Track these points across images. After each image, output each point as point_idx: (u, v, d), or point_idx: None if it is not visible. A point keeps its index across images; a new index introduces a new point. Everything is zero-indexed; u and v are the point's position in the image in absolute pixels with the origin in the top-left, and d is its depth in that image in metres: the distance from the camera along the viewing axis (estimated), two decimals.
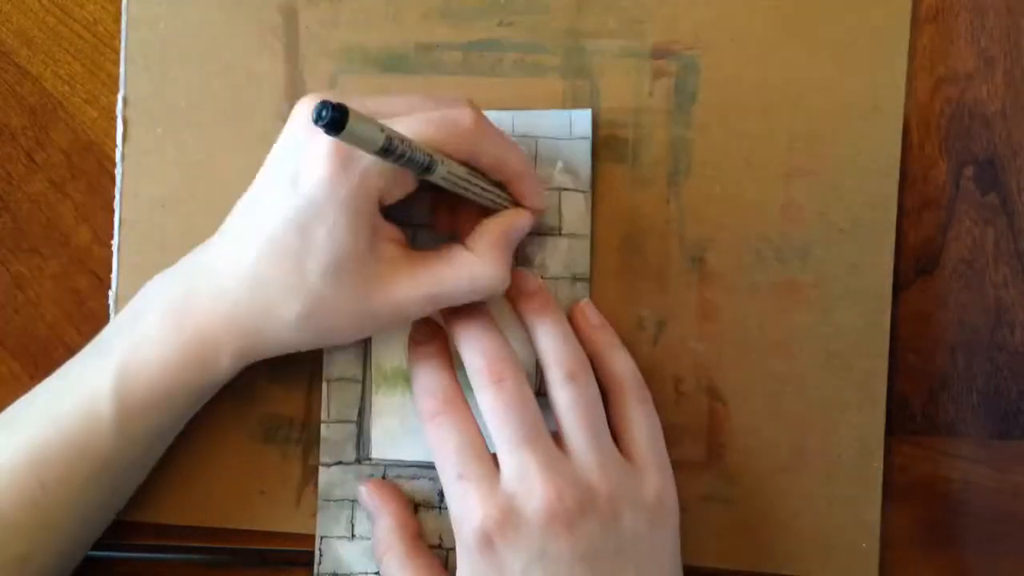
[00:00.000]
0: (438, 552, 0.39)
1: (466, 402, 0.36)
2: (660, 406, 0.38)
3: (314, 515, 0.40)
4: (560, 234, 0.39)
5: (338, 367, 0.39)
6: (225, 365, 0.35)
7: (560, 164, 0.39)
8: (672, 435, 0.39)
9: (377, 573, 0.38)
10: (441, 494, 0.39)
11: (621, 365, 0.37)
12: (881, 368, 0.39)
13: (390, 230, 0.35)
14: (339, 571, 0.39)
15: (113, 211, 0.40)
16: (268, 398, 0.40)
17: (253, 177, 0.37)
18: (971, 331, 0.40)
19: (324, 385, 0.40)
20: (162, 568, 0.41)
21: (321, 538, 0.39)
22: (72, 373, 0.36)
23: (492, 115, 0.37)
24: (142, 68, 0.40)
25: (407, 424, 0.39)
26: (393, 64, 0.40)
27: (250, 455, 0.40)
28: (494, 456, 0.35)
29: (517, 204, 0.37)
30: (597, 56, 0.39)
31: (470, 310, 0.37)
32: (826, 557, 0.39)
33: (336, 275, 0.33)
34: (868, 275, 0.39)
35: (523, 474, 0.34)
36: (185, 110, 0.40)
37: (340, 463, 0.39)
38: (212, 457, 0.40)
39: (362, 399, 0.40)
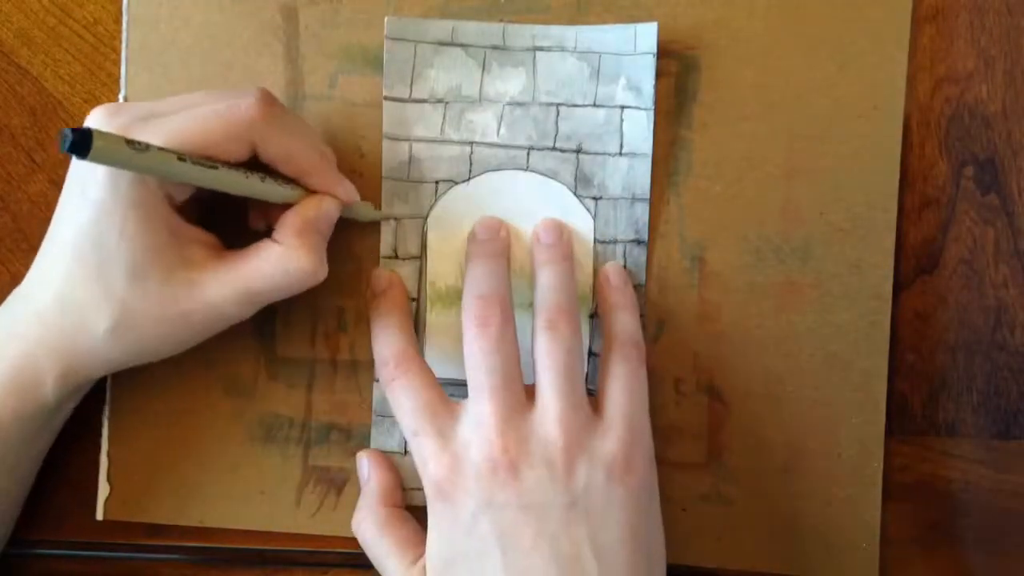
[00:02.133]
0: None
1: (420, 361, 0.37)
2: (660, 406, 0.38)
3: (314, 515, 0.40)
4: (621, 154, 0.39)
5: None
6: (50, 390, 0.35)
7: (623, 81, 0.39)
8: (672, 435, 0.39)
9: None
10: None
11: (620, 324, 0.37)
12: (881, 368, 0.39)
13: (193, 231, 0.35)
14: None
15: None
16: (268, 398, 0.40)
17: None
18: (971, 331, 0.40)
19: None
20: (162, 568, 0.41)
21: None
22: None
23: (554, 30, 0.38)
24: (142, 68, 0.40)
25: (461, 343, 0.38)
26: None
27: (250, 455, 0.40)
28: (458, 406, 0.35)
29: None
30: None
31: (489, 249, 0.37)
32: (826, 557, 0.39)
33: (137, 278, 0.34)
34: (868, 275, 0.39)
35: (479, 423, 0.34)
36: None
37: None
38: (212, 457, 0.40)
39: (416, 317, 0.39)
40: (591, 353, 0.39)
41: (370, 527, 0.37)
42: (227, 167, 0.34)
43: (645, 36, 0.39)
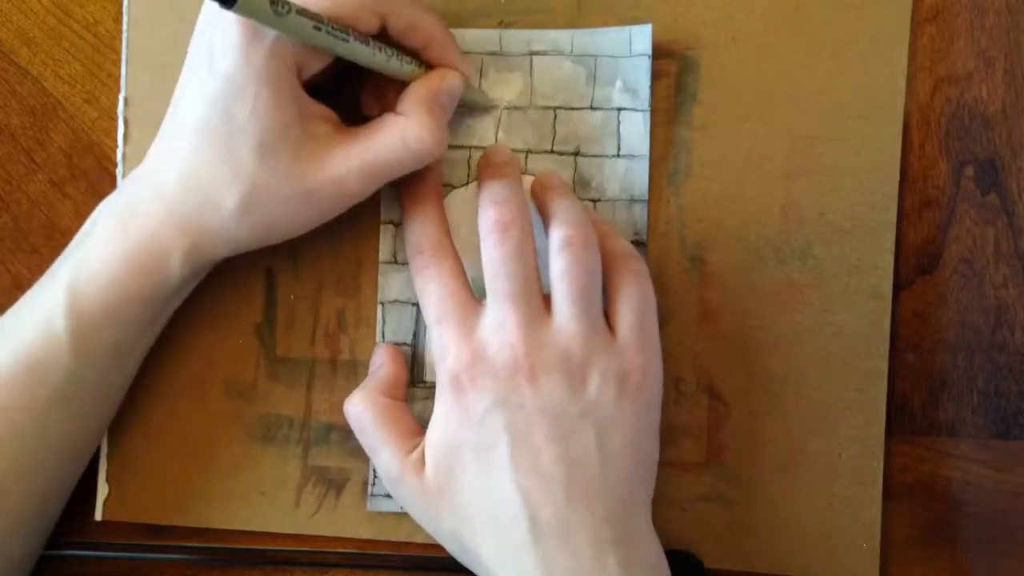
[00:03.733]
0: None
1: (454, 253, 0.37)
2: (660, 406, 0.38)
3: (313, 515, 0.40)
4: (618, 155, 0.39)
5: (393, 290, 0.39)
6: (175, 268, 0.35)
7: (619, 83, 0.39)
8: (672, 435, 0.39)
9: None
10: None
11: (622, 244, 0.37)
12: (881, 368, 0.39)
13: (319, 108, 0.35)
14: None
15: None
16: (268, 398, 0.40)
17: None
18: (971, 331, 0.40)
19: (379, 308, 0.40)
20: (162, 568, 0.41)
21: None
22: (27, 300, 0.36)
23: (551, 34, 0.39)
24: (142, 68, 0.40)
25: None
26: None
27: (250, 455, 0.40)
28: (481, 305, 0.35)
29: None
30: None
31: (502, 161, 0.37)
32: (826, 557, 0.39)
33: (267, 155, 0.33)
34: (868, 275, 0.39)
35: (500, 325, 0.34)
36: None
37: None
38: (212, 457, 0.40)
39: (416, 322, 0.39)
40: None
41: (367, 411, 0.37)
42: (358, 38, 0.34)
43: (640, 38, 0.39)
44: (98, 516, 0.40)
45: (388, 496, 0.39)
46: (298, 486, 0.40)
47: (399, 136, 0.35)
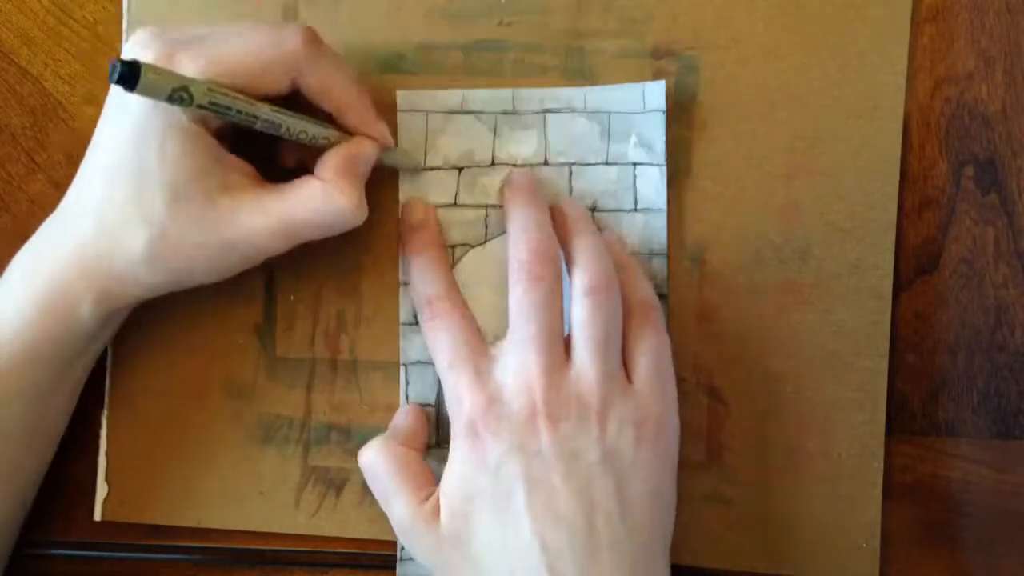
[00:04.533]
0: None
1: (462, 300, 0.37)
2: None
3: (313, 515, 0.40)
4: (636, 210, 0.39)
5: (415, 351, 0.39)
6: (86, 313, 0.35)
7: (634, 139, 0.39)
8: None
9: None
10: None
11: (642, 288, 0.37)
12: (881, 368, 0.39)
13: (234, 161, 0.35)
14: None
15: None
16: (268, 398, 0.40)
17: None
18: (971, 331, 0.40)
19: (402, 370, 0.40)
20: (162, 568, 0.41)
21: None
22: None
23: (563, 92, 0.39)
24: None
25: None
26: (393, 64, 0.40)
27: (250, 455, 0.40)
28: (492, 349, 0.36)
29: None
30: (597, 56, 0.39)
31: (528, 196, 0.37)
32: (826, 557, 0.39)
33: (177, 201, 0.33)
34: (868, 275, 0.39)
35: (520, 370, 0.34)
36: None
37: None
38: (212, 457, 0.40)
39: (439, 383, 0.39)
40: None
41: (384, 461, 0.37)
42: (272, 106, 0.34)
43: (653, 94, 0.39)
44: (97, 516, 0.40)
45: (415, 560, 0.39)
46: (298, 486, 0.40)
47: (317, 202, 0.35)
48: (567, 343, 0.35)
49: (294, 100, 0.35)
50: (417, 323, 0.39)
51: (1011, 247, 0.39)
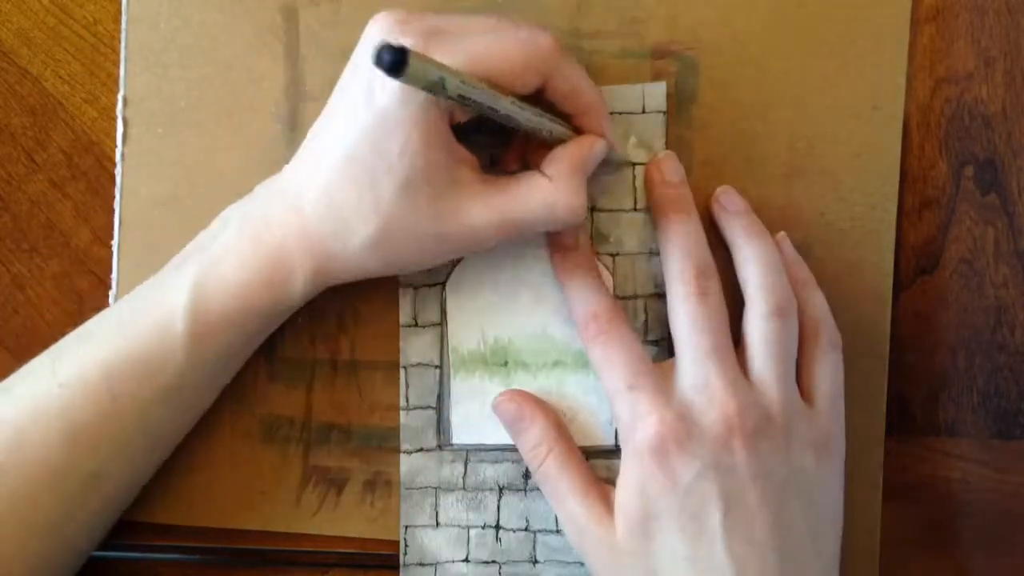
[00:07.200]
0: (526, 534, 0.39)
1: (627, 317, 0.37)
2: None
3: (314, 515, 0.40)
4: (635, 210, 0.39)
5: (415, 353, 0.39)
6: (299, 286, 0.35)
7: (633, 139, 0.39)
8: None
9: (465, 559, 0.39)
10: (526, 475, 0.39)
11: (818, 307, 0.37)
12: (881, 368, 0.39)
13: (464, 153, 0.35)
14: (425, 560, 0.39)
15: (113, 211, 0.40)
16: (268, 398, 0.40)
17: (253, 177, 0.37)
18: (971, 331, 0.40)
19: (402, 372, 0.39)
20: (162, 568, 0.41)
21: (406, 527, 0.39)
22: (149, 289, 0.36)
23: None
24: (142, 68, 0.40)
25: (486, 408, 0.39)
26: None
27: (250, 455, 0.40)
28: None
29: None
30: (597, 56, 0.39)
31: (682, 203, 0.37)
32: None
33: (409, 194, 0.33)
34: (868, 275, 0.39)
35: (705, 385, 0.34)
36: (185, 110, 0.40)
37: (421, 450, 0.39)
38: (212, 457, 0.40)
39: (440, 384, 0.39)
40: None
41: (553, 463, 0.36)
42: (511, 99, 0.33)
43: (653, 95, 0.39)
44: None
45: (420, 565, 0.39)
46: (298, 486, 0.40)
47: (544, 199, 0.34)
48: (740, 358, 0.35)
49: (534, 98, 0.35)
50: (417, 324, 0.39)
51: (1011, 247, 0.39)
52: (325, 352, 0.40)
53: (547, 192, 0.34)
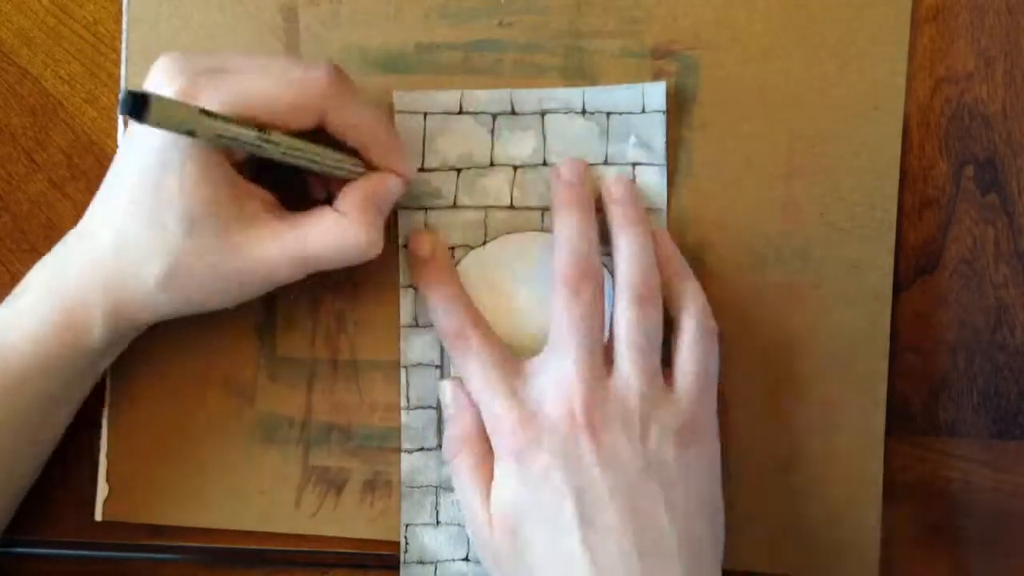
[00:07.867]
0: None
1: (483, 321, 0.37)
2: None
3: (313, 515, 0.40)
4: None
5: (416, 353, 0.39)
6: (98, 331, 0.35)
7: (633, 139, 0.39)
8: None
9: (465, 558, 0.39)
10: None
11: (689, 295, 0.37)
12: (881, 368, 0.39)
13: (255, 190, 0.35)
14: (425, 559, 0.39)
15: None
16: (268, 398, 0.40)
17: None
18: (971, 331, 0.40)
19: (402, 372, 0.40)
20: (162, 568, 0.41)
21: (406, 526, 0.39)
22: None
23: (561, 93, 0.39)
24: (142, 68, 0.40)
25: None
26: (393, 64, 0.40)
27: (250, 455, 0.40)
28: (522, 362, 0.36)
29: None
30: (597, 56, 0.39)
31: (574, 197, 0.37)
32: (826, 557, 0.39)
33: (196, 230, 0.34)
34: (868, 275, 0.39)
35: (558, 381, 0.35)
36: None
37: (422, 449, 0.40)
38: (212, 457, 0.40)
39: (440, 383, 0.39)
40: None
41: (467, 459, 0.37)
42: (289, 138, 0.34)
43: (653, 95, 0.39)
44: (98, 516, 0.40)
45: (420, 563, 0.39)
46: (298, 486, 0.40)
47: (335, 236, 0.35)
48: (607, 348, 0.36)
49: (321, 131, 0.35)
50: (417, 324, 0.39)
51: (1011, 247, 0.39)
52: (325, 352, 0.40)
53: (337, 228, 0.35)
